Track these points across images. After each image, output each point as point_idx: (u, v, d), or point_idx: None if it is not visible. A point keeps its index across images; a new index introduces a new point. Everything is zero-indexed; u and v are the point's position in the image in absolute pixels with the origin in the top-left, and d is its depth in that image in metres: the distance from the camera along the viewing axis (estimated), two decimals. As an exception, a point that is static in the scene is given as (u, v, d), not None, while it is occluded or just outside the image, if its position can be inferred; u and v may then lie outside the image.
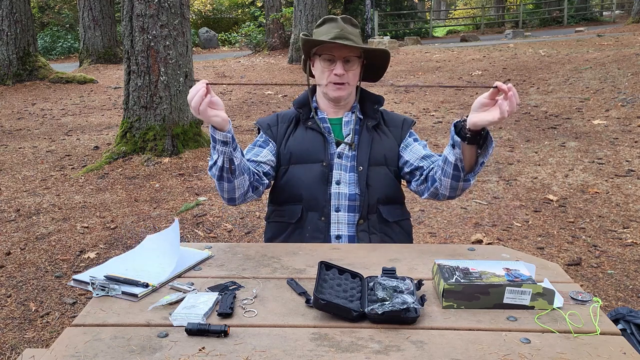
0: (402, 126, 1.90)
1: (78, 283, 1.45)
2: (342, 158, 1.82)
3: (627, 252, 3.29)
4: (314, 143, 1.83)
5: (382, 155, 1.84)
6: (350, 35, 1.78)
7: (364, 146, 1.82)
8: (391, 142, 1.87)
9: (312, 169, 1.80)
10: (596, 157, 5.05)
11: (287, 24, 15.75)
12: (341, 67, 1.77)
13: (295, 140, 1.85)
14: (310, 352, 1.12)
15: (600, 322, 1.22)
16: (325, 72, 1.80)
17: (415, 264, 1.56)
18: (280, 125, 1.89)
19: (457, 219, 3.87)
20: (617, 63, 8.68)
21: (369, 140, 1.83)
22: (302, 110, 1.88)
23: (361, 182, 1.79)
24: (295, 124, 1.88)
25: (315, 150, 1.82)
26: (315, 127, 1.84)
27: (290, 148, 1.84)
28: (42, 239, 3.66)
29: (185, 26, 5.38)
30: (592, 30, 17.51)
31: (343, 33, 1.77)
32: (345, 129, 1.86)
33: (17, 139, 6.71)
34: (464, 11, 34.90)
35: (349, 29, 1.80)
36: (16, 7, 9.97)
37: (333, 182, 1.80)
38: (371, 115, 1.88)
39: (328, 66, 1.79)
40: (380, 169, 1.83)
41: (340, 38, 1.75)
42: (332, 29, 1.78)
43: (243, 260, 1.60)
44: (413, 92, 8.75)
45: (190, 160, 5.19)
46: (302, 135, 1.85)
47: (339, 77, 1.77)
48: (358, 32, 1.85)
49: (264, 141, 1.87)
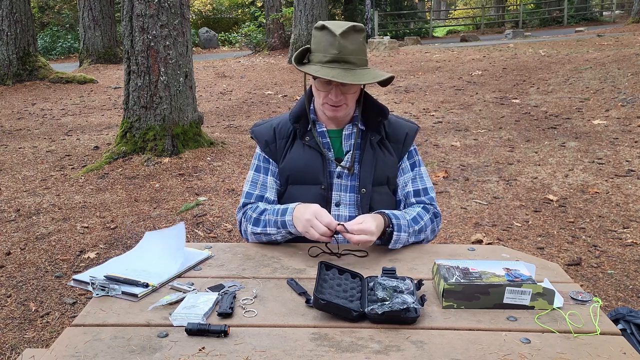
0: (403, 142, 1.77)
1: (78, 283, 1.45)
2: (342, 178, 1.72)
3: (627, 252, 3.29)
4: (312, 162, 1.71)
5: (385, 176, 1.74)
6: (350, 57, 1.58)
7: (367, 166, 1.70)
8: (393, 160, 1.76)
9: (310, 191, 1.72)
10: (596, 157, 5.05)
11: (287, 24, 15.75)
12: (337, 93, 1.62)
13: (292, 158, 1.74)
14: (310, 352, 1.12)
15: (600, 322, 1.22)
16: (321, 94, 1.66)
17: (415, 264, 1.56)
18: (278, 142, 1.77)
19: (457, 219, 3.87)
20: (617, 63, 8.68)
21: (373, 159, 1.71)
22: (298, 125, 1.74)
23: (364, 204, 1.71)
24: (293, 139, 1.76)
25: (314, 170, 1.71)
26: (313, 145, 1.72)
27: (288, 168, 1.74)
28: (42, 239, 3.66)
29: (185, 26, 5.38)
30: (592, 30, 17.52)
31: (341, 56, 1.57)
32: (346, 143, 1.74)
33: (17, 139, 6.71)
34: (464, 11, 34.89)
35: (349, 47, 1.58)
36: (16, 7, 9.97)
37: (332, 203, 1.72)
38: (374, 128, 1.74)
39: (323, 88, 1.64)
40: (382, 189, 1.75)
41: (338, 62, 1.57)
42: (329, 48, 1.58)
43: (243, 260, 1.60)
44: (413, 92, 8.75)
45: (190, 160, 5.19)
46: (300, 153, 1.73)
47: (335, 102, 1.63)
48: (361, 42, 1.63)
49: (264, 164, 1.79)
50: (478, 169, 4.94)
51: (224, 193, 4.45)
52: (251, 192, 1.78)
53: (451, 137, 6.08)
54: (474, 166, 5.03)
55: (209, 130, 6.62)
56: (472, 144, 5.76)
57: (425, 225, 1.69)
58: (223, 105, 8.78)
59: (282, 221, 1.61)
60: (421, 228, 1.68)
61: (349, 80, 1.55)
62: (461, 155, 5.40)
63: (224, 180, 4.77)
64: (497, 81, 9.10)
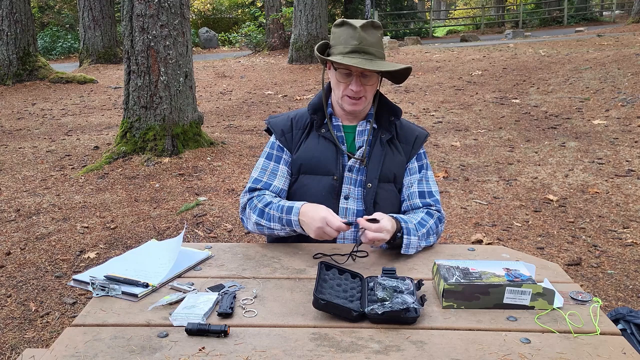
0: (413, 144, 1.82)
1: (78, 283, 1.45)
2: (353, 172, 1.76)
3: (627, 252, 3.29)
4: (326, 153, 1.76)
5: (392, 173, 1.78)
6: (370, 48, 1.66)
7: (375, 161, 1.76)
8: (402, 159, 1.80)
9: (321, 181, 1.75)
10: (596, 157, 5.05)
11: (287, 24, 15.74)
12: (358, 83, 1.68)
13: (307, 148, 1.78)
14: (310, 352, 1.12)
15: (600, 322, 1.22)
16: (341, 85, 1.71)
17: (415, 264, 1.56)
18: (294, 132, 1.81)
19: (457, 219, 3.87)
20: (617, 63, 8.68)
21: (381, 155, 1.76)
22: (316, 117, 1.80)
23: (368, 199, 1.74)
24: (309, 130, 1.81)
25: (327, 161, 1.75)
26: (328, 136, 1.77)
27: (302, 157, 1.78)
28: (42, 239, 3.66)
29: (185, 26, 5.38)
30: (592, 30, 17.52)
31: (362, 46, 1.65)
32: (359, 139, 1.80)
33: (17, 139, 6.71)
34: (464, 11, 34.89)
35: (369, 39, 1.67)
36: (16, 7, 9.97)
37: (342, 196, 1.75)
38: (386, 127, 1.80)
39: (344, 79, 1.70)
40: (389, 186, 1.78)
41: (358, 52, 1.64)
42: (350, 40, 1.66)
43: (243, 260, 1.60)
44: (413, 92, 8.75)
45: (190, 160, 5.19)
46: (315, 143, 1.78)
47: (355, 93, 1.69)
48: (379, 37, 1.72)
49: (277, 152, 1.81)
50: (478, 169, 4.94)
51: (224, 193, 4.45)
52: (259, 179, 1.79)
53: (451, 137, 6.08)
54: (474, 166, 5.03)
55: (209, 130, 6.62)
56: (472, 144, 5.76)
57: (431, 228, 1.70)
58: (223, 105, 8.78)
59: (287, 220, 1.63)
60: (428, 231, 1.68)
61: (370, 67, 1.62)
62: (461, 155, 5.40)
63: (224, 180, 4.77)
64: (497, 81, 9.10)
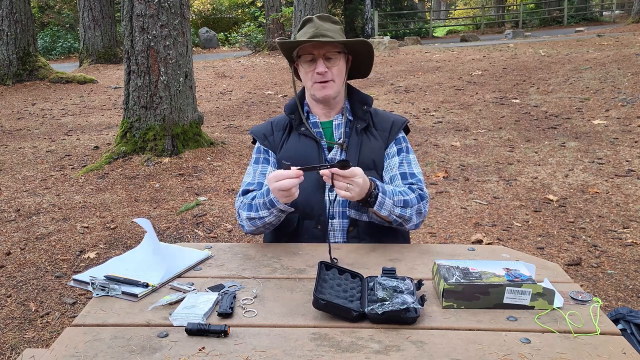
0: (390, 129, 1.87)
1: (78, 283, 1.45)
2: None
3: (627, 252, 3.29)
4: (308, 149, 1.82)
5: (370, 159, 1.81)
6: (327, 32, 1.76)
7: (352, 149, 1.81)
8: (379, 144, 1.84)
9: (307, 177, 1.75)
10: (596, 157, 5.05)
11: (287, 24, 15.75)
12: (322, 65, 1.76)
13: (289, 147, 1.85)
14: (310, 352, 1.12)
15: (600, 322, 1.22)
16: (308, 74, 1.80)
17: (415, 264, 1.56)
18: (275, 133, 1.88)
19: (457, 219, 3.87)
20: (617, 63, 8.69)
21: (358, 143, 1.81)
22: (294, 116, 1.87)
23: None
24: (289, 131, 1.88)
25: (310, 157, 1.80)
26: (307, 133, 1.84)
27: (285, 155, 1.83)
28: (42, 239, 3.66)
29: (185, 26, 5.38)
30: (592, 30, 17.52)
31: (319, 31, 1.76)
32: (336, 132, 1.85)
33: (17, 139, 6.71)
34: (464, 11, 34.90)
35: (325, 26, 1.78)
36: (16, 7, 9.97)
37: (327, 188, 1.78)
38: (360, 116, 1.86)
39: (310, 67, 1.79)
40: (371, 173, 1.77)
41: (316, 37, 1.74)
42: (309, 30, 1.78)
43: (243, 260, 1.60)
44: (413, 92, 8.75)
45: (190, 160, 5.19)
46: (296, 142, 1.85)
47: (322, 75, 1.76)
48: (338, 28, 1.82)
49: (264, 155, 1.87)
50: (478, 169, 4.94)
51: (224, 193, 4.45)
52: (251, 182, 1.84)
53: (451, 137, 6.08)
54: (474, 166, 5.03)
55: (209, 130, 6.62)
56: (472, 144, 5.76)
57: (411, 201, 1.70)
58: (223, 105, 8.78)
59: (269, 200, 1.66)
60: (406, 202, 1.69)
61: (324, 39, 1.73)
62: (461, 155, 5.40)
63: (224, 180, 4.77)
64: (497, 81, 9.10)
